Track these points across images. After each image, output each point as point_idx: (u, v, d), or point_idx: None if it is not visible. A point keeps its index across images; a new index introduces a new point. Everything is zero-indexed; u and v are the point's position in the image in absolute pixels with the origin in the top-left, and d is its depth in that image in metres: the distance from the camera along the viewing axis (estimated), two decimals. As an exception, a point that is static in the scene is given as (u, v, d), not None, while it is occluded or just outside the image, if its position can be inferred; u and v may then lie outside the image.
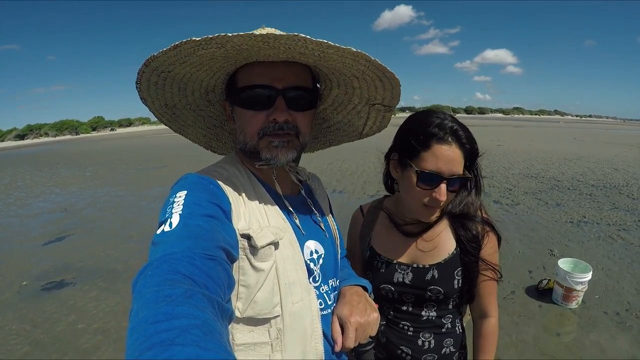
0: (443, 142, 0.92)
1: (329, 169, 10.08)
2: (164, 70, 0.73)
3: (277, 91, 0.75)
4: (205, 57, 0.70)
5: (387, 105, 0.91)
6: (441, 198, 0.93)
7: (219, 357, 0.39)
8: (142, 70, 0.72)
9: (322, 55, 0.69)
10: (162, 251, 0.54)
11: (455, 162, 0.92)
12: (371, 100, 0.91)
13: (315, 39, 0.63)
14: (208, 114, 0.94)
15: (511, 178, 8.79)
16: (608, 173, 9.44)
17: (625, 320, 3.02)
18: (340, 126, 1.03)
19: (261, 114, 0.76)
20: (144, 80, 0.75)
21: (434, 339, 1.07)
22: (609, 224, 5.43)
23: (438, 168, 0.91)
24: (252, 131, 0.77)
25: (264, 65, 0.75)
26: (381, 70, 0.76)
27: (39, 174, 13.26)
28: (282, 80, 0.75)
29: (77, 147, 30.13)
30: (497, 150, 13.96)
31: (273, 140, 0.77)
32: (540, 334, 2.89)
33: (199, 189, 0.69)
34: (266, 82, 0.75)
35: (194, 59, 0.70)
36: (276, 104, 0.75)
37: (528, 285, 3.62)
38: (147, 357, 0.37)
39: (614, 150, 15.00)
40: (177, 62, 0.70)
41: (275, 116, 0.75)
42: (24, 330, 3.21)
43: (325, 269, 0.86)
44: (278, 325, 0.73)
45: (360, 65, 0.74)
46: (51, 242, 5.60)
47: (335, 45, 0.65)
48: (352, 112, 0.97)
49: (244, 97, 0.77)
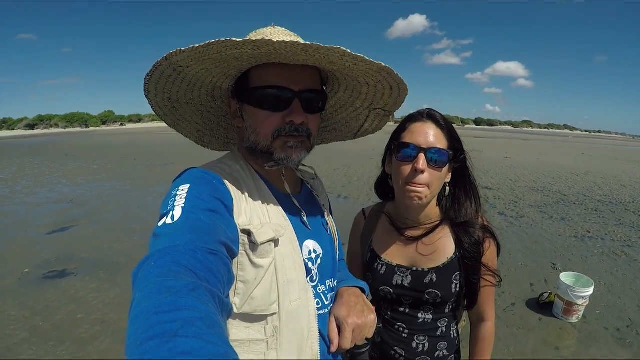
0: (417, 120, 1.01)
1: (335, 175, 10.09)
2: (182, 64, 0.72)
3: (293, 93, 0.75)
4: (232, 57, 0.69)
5: (387, 110, 0.93)
6: (420, 167, 0.94)
7: (222, 350, 0.39)
8: (160, 63, 0.71)
9: (353, 66, 0.72)
10: (164, 243, 0.55)
11: (430, 135, 0.97)
12: (373, 105, 0.92)
13: (353, 53, 0.66)
14: (208, 109, 0.93)
15: (517, 190, 8.73)
16: (615, 189, 9.36)
17: (625, 337, 2.99)
18: (337, 127, 1.04)
19: (276, 115, 0.76)
20: (157, 73, 0.74)
21: (428, 342, 1.08)
22: (613, 240, 5.38)
23: (414, 140, 0.97)
24: (266, 132, 0.77)
25: (281, 67, 0.75)
26: (397, 81, 0.78)
27: (47, 164, 13.38)
28: (298, 82, 0.76)
29: (86, 139, 30.37)
30: (504, 163, 13.90)
31: (289, 141, 0.77)
32: (539, 347, 2.86)
33: (202, 183, 0.69)
34: (283, 83, 0.75)
35: (218, 57, 0.69)
36: (293, 106, 0.76)
37: (529, 297, 3.60)
38: (150, 346, 0.37)
39: (621, 166, 14.87)
40: (200, 59, 0.70)
41: (292, 118, 0.75)
42: (23, 317, 3.23)
43: (323, 269, 0.86)
44: (274, 322, 0.73)
45: (380, 76, 0.76)
46: (55, 232, 5.65)
47: (368, 60, 0.68)
48: (352, 114, 0.98)
49: (258, 96, 0.76)
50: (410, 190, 0.97)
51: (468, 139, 3.68)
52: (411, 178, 0.96)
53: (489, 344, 1.13)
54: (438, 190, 1.02)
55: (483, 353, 1.13)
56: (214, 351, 0.38)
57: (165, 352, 0.36)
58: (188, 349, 0.36)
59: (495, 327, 1.15)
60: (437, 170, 0.97)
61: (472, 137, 32.18)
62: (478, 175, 1.12)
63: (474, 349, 1.15)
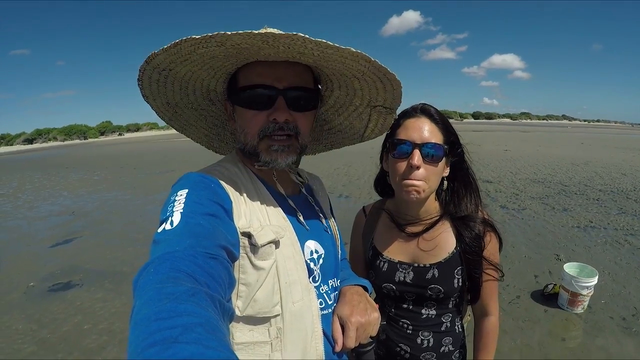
0: (411, 116, 1.01)
1: (336, 174, 10.08)
2: (165, 68, 0.73)
3: (277, 91, 0.76)
4: (206, 56, 0.70)
5: (388, 107, 0.92)
6: (415, 163, 0.94)
7: (222, 356, 0.39)
8: (144, 68, 0.72)
9: (322, 55, 0.69)
10: (163, 249, 0.55)
11: (424, 130, 0.97)
12: (372, 102, 0.91)
13: (314, 39, 0.63)
14: (210, 113, 0.94)
15: (518, 183, 8.72)
16: (616, 178, 9.33)
17: (631, 326, 2.98)
18: (342, 128, 1.04)
19: (262, 114, 0.77)
20: (145, 77, 0.75)
21: (433, 338, 1.09)
22: (616, 229, 5.37)
23: (408, 136, 0.97)
24: (252, 131, 0.78)
25: (265, 65, 0.75)
26: (382, 71, 0.76)
27: (48, 178, 13.40)
28: (282, 80, 0.76)
29: (86, 151, 30.37)
30: (504, 156, 13.87)
31: (273, 145, 0.77)
32: (545, 338, 2.86)
33: (200, 187, 0.69)
34: (267, 81, 0.75)
35: (195, 57, 0.70)
36: (276, 104, 0.76)
37: (534, 289, 3.59)
38: (150, 353, 0.37)
39: (622, 155, 14.82)
40: (178, 61, 0.71)
41: (275, 116, 0.76)
42: (30, 330, 3.24)
43: (325, 269, 0.86)
44: (278, 324, 0.73)
45: (360, 65, 0.74)
46: (59, 244, 5.66)
47: (334, 45, 0.65)
48: (354, 114, 0.97)
49: (244, 96, 0.77)
50: (407, 185, 0.97)
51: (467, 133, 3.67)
52: (407, 174, 0.97)
53: (493, 339, 1.13)
54: (436, 185, 1.02)
55: (487, 347, 1.13)
56: (214, 356, 0.38)
57: (165, 358, 0.36)
58: (188, 355, 0.37)
59: (500, 320, 1.16)
60: (433, 165, 0.97)
61: (470, 131, 32.14)
62: (478, 168, 1.12)
63: (478, 344, 1.15)
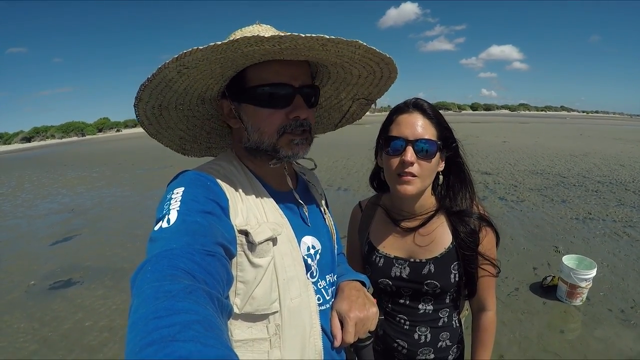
0: (404, 112, 1.01)
1: (334, 167, 10.09)
2: (189, 66, 0.68)
3: (294, 89, 0.76)
4: (240, 55, 0.68)
5: (370, 99, 0.93)
6: (408, 159, 0.95)
7: (220, 353, 0.38)
8: (167, 65, 0.65)
9: (356, 58, 0.75)
10: (160, 247, 0.55)
11: (417, 126, 0.97)
12: (357, 96, 0.92)
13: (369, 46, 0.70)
14: (194, 113, 0.88)
15: (517, 174, 8.73)
16: (614, 169, 9.34)
17: (630, 318, 3.00)
18: (320, 120, 1.04)
19: (280, 112, 0.76)
20: (159, 76, 0.69)
21: (430, 333, 1.09)
22: (614, 221, 5.38)
23: (401, 132, 0.97)
24: (270, 129, 0.77)
25: (280, 64, 0.75)
26: (394, 70, 0.81)
27: (46, 176, 13.37)
28: (297, 78, 0.77)
29: (84, 148, 30.26)
30: (502, 147, 13.87)
31: (294, 139, 0.78)
32: (544, 331, 2.88)
33: (196, 185, 0.69)
34: (284, 80, 0.75)
35: (230, 55, 0.67)
36: (295, 102, 0.76)
37: (532, 282, 3.61)
38: (148, 353, 0.37)
39: (620, 146, 14.82)
40: (211, 59, 0.67)
41: (297, 114, 0.76)
42: (32, 329, 3.26)
43: (322, 265, 0.86)
44: (277, 321, 0.73)
45: (378, 68, 0.79)
46: (58, 242, 5.67)
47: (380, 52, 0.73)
48: (335, 107, 0.98)
49: (259, 95, 0.76)
50: (401, 182, 0.98)
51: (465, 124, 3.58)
52: (401, 171, 0.97)
53: (490, 334, 1.14)
54: (430, 180, 1.02)
55: (484, 342, 1.14)
56: (213, 354, 0.38)
57: (163, 357, 0.36)
58: (186, 353, 0.36)
59: (498, 314, 1.16)
60: (426, 161, 0.97)
61: (469, 123, 32.05)
62: (477, 160, 1.12)
63: (475, 339, 1.16)
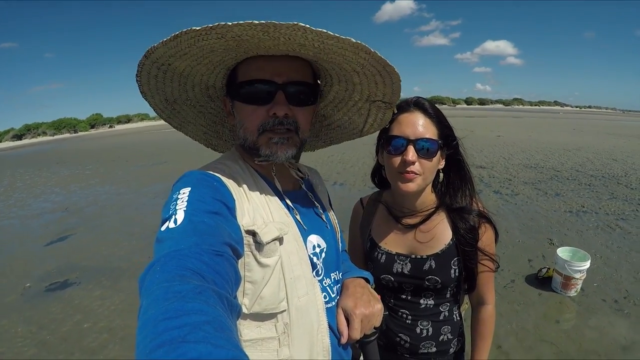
0: (405, 110, 1.01)
1: (330, 162, 10.09)
2: (164, 62, 0.72)
3: (277, 86, 0.75)
4: (206, 49, 0.69)
5: (387, 102, 0.91)
6: (409, 159, 0.95)
7: (231, 354, 0.38)
8: (143, 62, 0.71)
9: (322, 46, 0.68)
10: (168, 247, 0.54)
11: (418, 125, 0.98)
12: (372, 97, 0.90)
13: (315, 29, 0.61)
14: (209, 110, 0.93)
15: (511, 168, 8.80)
16: (607, 163, 9.45)
17: (623, 308, 3.06)
18: (341, 123, 1.03)
19: (261, 108, 0.76)
20: (144, 72, 0.74)
21: (432, 327, 1.11)
22: (607, 214, 5.46)
23: (402, 132, 0.98)
24: (252, 126, 0.77)
25: (265, 60, 0.75)
26: (381, 63, 0.75)
27: (39, 174, 13.21)
28: (282, 74, 0.76)
29: (76, 145, 29.89)
30: (497, 141, 13.97)
31: (273, 137, 0.77)
32: (540, 321, 2.93)
33: (203, 185, 0.69)
34: (266, 76, 0.75)
35: (195, 51, 0.69)
36: (276, 99, 0.75)
37: (528, 273, 3.66)
38: (159, 354, 0.36)
39: (613, 141, 14.98)
40: (178, 55, 0.70)
41: (275, 110, 0.75)
42: (30, 332, 3.22)
43: (327, 263, 0.87)
44: (285, 319, 0.74)
45: (360, 58, 0.73)
46: (53, 242, 5.61)
47: (335, 35, 0.63)
48: (353, 109, 0.97)
49: (244, 91, 0.77)
50: (402, 180, 0.99)
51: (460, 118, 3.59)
52: (402, 169, 0.98)
53: (490, 327, 1.16)
54: (431, 178, 1.03)
55: (484, 335, 1.16)
56: (223, 355, 0.37)
57: (173, 359, 0.36)
58: (197, 354, 0.36)
59: (496, 307, 1.18)
60: (427, 159, 0.98)
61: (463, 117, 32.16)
62: (471, 154, 1.13)
63: (475, 332, 1.18)
